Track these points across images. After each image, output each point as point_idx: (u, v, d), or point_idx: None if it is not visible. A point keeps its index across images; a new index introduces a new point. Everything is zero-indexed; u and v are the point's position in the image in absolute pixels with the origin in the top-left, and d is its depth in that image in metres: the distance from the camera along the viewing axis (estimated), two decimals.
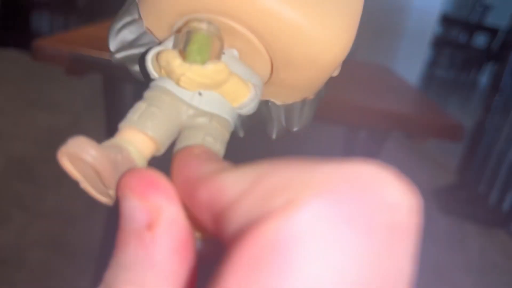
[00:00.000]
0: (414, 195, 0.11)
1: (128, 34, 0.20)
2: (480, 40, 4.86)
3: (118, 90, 0.61)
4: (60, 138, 0.14)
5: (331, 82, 0.21)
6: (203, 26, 0.17)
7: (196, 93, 0.17)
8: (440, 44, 4.46)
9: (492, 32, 4.60)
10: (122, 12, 0.20)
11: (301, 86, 0.19)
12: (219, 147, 0.17)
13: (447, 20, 4.31)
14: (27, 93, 2.14)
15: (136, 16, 0.19)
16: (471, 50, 4.74)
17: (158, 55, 0.17)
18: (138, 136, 0.16)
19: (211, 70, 0.16)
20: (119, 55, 0.20)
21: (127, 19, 0.20)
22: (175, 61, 0.16)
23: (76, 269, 1.12)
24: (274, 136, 0.21)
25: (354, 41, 0.19)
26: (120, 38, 0.20)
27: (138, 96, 0.17)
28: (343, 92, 0.65)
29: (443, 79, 5.12)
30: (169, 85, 0.17)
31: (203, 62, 0.16)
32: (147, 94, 0.17)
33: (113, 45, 0.19)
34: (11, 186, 1.39)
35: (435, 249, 1.56)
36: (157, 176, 0.14)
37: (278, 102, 0.21)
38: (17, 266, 1.10)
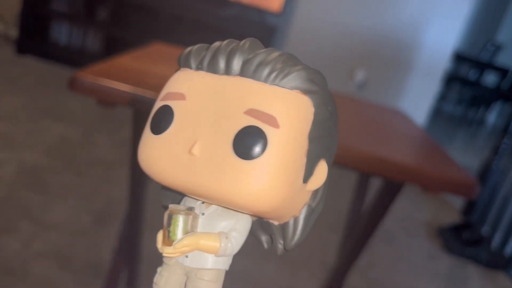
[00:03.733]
0: None
1: (169, 194, 0.27)
2: (490, 79, 4.89)
3: (145, 122, 0.62)
4: (71, 150, 0.16)
5: (349, 129, 0.25)
6: (179, 211, 0.23)
7: (184, 256, 0.24)
8: (450, 80, 4.49)
9: (502, 72, 4.64)
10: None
11: (272, 217, 0.25)
12: None
13: (458, 58, 4.35)
14: (41, 101, 2.17)
15: None
16: (480, 88, 4.77)
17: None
18: None
19: (177, 247, 0.23)
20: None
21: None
22: (158, 245, 0.24)
23: (80, 284, 1.13)
24: (278, 253, 0.25)
25: (364, 74, 0.24)
26: (167, 198, 0.27)
27: None
28: (359, 139, 0.67)
29: (450, 114, 5.14)
30: None
31: (177, 240, 0.23)
32: (163, 259, 0.25)
33: (164, 201, 0.28)
34: (20, 195, 1.40)
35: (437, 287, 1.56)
36: None
37: (275, 223, 0.25)
38: (22, 277, 1.10)
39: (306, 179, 0.23)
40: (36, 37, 2.82)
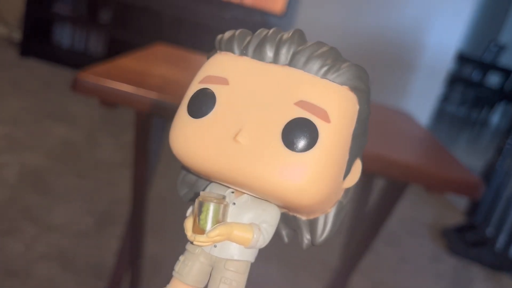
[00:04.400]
0: None
1: (188, 180, 0.26)
2: (493, 79, 4.88)
3: (148, 123, 0.63)
4: (74, 152, 0.15)
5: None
6: (211, 199, 0.22)
7: (212, 245, 0.23)
8: (453, 80, 4.48)
9: (506, 72, 4.62)
10: (181, 167, 0.26)
11: (305, 212, 0.24)
12: (235, 284, 0.23)
13: (461, 58, 4.34)
14: (44, 104, 2.17)
15: None
16: (483, 89, 4.76)
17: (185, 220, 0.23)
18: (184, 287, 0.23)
19: (211, 236, 0.22)
20: (186, 197, 0.27)
21: (184, 171, 0.27)
22: (188, 233, 0.23)
23: (83, 286, 1.13)
24: (304, 247, 0.25)
25: (367, 74, 0.24)
26: (184, 185, 0.27)
27: (164, 129, 0.23)
28: None
29: (453, 115, 5.12)
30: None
31: (208, 228, 0.22)
32: (187, 247, 0.24)
33: (180, 191, 0.27)
34: (23, 197, 1.40)
35: None
36: None
37: (303, 218, 0.25)
38: (24, 279, 1.10)
39: (345, 176, 0.23)
40: (39, 39, 2.82)
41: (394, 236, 1.79)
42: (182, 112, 0.23)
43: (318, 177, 0.21)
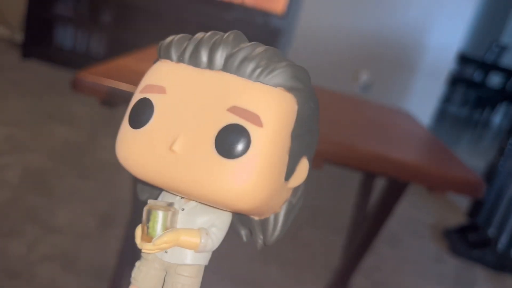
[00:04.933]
0: None
1: (146, 187, 0.27)
2: (495, 80, 4.87)
3: None
4: (76, 153, 0.16)
5: (354, 129, 0.25)
6: (159, 207, 0.23)
7: (163, 251, 0.23)
8: (454, 81, 4.48)
9: (507, 73, 4.62)
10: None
11: (252, 214, 0.24)
12: None
13: (463, 59, 4.33)
14: (46, 105, 2.18)
15: None
16: (485, 89, 4.75)
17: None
18: None
19: (157, 244, 0.22)
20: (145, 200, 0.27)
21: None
22: (137, 240, 0.23)
23: (85, 287, 1.13)
24: (258, 247, 0.25)
25: (368, 76, 0.24)
26: (144, 191, 0.27)
27: None
28: (364, 139, 0.67)
29: (455, 115, 5.12)
30: None
31: (157, 235, 0.22)
32: (142, 253, 0.25)
33: (141, 196, 0.27)
34: (25, 199, 1.41)
35: None
36: None
37: (256, 218, 0.25)
38: (27, 280, 1.10)
39: (288, 177, 0.23)
40: (41, 41, 2.83)
41: (396, 236, 1.79)
42: (124, 123, 0.24)
43: (254, 181, 0.21)
